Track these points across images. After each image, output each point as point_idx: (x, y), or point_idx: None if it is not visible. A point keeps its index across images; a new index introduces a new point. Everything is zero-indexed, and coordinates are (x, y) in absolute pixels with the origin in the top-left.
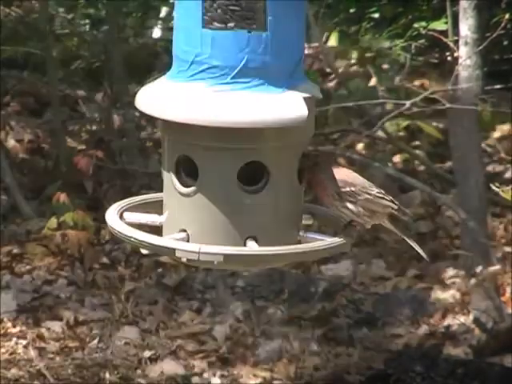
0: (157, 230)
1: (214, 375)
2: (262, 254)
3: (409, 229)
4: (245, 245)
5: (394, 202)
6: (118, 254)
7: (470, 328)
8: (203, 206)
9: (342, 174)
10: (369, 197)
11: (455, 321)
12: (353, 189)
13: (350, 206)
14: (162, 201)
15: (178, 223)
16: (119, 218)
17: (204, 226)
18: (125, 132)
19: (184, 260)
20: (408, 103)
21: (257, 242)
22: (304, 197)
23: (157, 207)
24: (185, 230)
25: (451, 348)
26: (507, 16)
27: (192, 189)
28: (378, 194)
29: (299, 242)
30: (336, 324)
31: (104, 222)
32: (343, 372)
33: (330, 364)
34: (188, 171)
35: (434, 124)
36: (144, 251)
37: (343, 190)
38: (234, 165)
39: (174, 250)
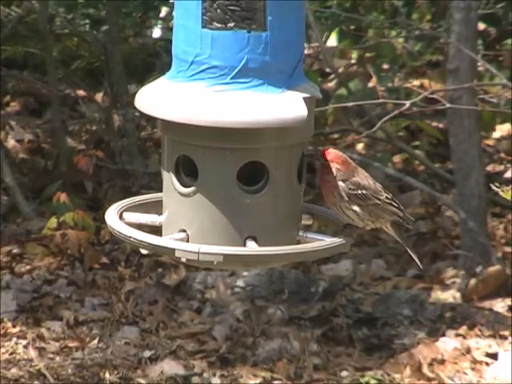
0: (156, 230)
1: (214, 375)
2: (262, 254)
3: (408, 231)
4: (244, 245)
5: (399, 209)
6: (117, 254)
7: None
8: (203, 206)
9: (358, 175)
10: (378, 202)
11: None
12: (364, 192)
13: (356, 208)
14: (161, 201)
15: (178, 223)
16: (119, 218)
17: (204, 226)
18: (125, 132)
19: (184, 260)
20: (408, 103)
21: (256, 241)
22: (304, 197)
23: (157, 207)
24: (184, 230)
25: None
26: None
27: (192, 189)
28: (386, 200)
29: (299, 242)
30: (336, 324)
31: (104, 222)
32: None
33: (329, 364)
34: (188, 171)
35: (434, 124)
36: (144, 251)
37: (354, 192)
38: (234, 165)
39: (173, 250)
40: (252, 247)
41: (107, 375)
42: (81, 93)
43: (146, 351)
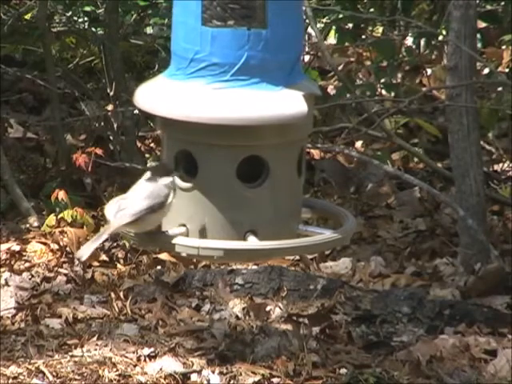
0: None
1: (213, 372)
2: (262, 248)
3: None
4: (245, 239)
5: None
6: (117, 251)
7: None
8: (203, 201)
9: None
10: None
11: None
12: None
13: None
14: None
15: (178, 218)
16: None
17: (204, 221)
18: (124, 129)
19: (184, 255)
20: (407, 100)
21: (257, 235)
22: (303, 194)
23: None
24: (184, 225)
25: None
26: None
27: (192, 184)
28: None
29: (299, 236)
30: (335, 321)
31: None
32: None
33: (328, 361)
34: (187, 166)
35: (433, 121)
36: (144, 246)
37: None
38: (234, 160)
39: (173, 245)
40: (252, 241)
41: (106, 372)
42: (80, 90)
43: (145, 348)
